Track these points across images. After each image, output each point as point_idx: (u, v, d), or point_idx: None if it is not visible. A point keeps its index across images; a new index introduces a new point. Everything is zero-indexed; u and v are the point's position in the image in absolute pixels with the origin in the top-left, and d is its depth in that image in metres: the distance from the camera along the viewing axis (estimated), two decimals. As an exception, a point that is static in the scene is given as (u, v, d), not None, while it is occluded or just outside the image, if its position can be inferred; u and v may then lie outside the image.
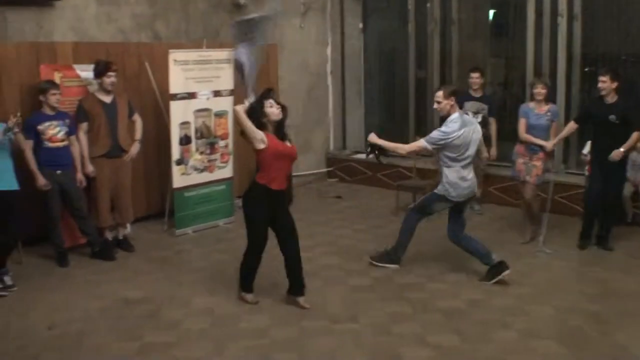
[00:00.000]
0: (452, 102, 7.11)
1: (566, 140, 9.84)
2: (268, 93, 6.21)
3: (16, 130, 6.79)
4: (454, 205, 7.21)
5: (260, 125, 6.09)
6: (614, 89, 7.78)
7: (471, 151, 7.06)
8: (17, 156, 7.20)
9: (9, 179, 6.89)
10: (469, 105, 9.58)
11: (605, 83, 7.76)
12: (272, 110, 6.13)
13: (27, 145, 7.35)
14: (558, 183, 9.53)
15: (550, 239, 8.26)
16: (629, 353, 5.43)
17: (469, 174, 7.10)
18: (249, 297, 6.54)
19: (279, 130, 6.22)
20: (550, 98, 9.63)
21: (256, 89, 6.69)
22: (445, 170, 7.08)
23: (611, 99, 7.82)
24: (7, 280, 7.03)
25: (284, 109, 6.23)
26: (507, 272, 6.97)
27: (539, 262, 7.65)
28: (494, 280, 6.96)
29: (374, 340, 5.69)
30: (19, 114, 6.83)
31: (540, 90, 8.16)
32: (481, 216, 9.70)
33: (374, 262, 7.58)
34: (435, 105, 7.20)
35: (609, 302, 6.44)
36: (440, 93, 7.16)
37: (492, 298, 6.58)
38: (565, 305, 6.36)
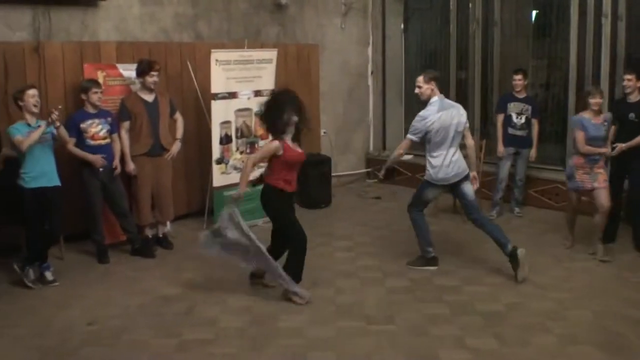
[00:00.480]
0: (433, 87, 7.33)
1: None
2: (289, 105, 6.46)
3: (57, 124, 6.87)
4: (449, 189, 7.46)
5: (281, 132, 6.46)
6: (639, 87, 7.77)
7: (453, 134, 7.19)
8: (61, 153, 7.30)
9: (52, 176, 7.01)
10: (511, 106, 9.56)
11: (631, 82, 7.79)
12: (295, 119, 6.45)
13: (71, 142, 7.45)
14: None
15: (587, 244, 8.18)
16: None
17: (454, 156, 7.28)
18: (306, 294, 6.59)
19: (296, 135, 6.58)
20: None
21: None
22: (429, 158, 7.31)
23: (634, 97, 7.83)
24: (49, 275, 7.17)
25: (302, 113, 6.51)
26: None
27: (579, 267, 7.55)
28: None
29: (410, 341, 5.67)
30: (60, 107, 6.92)
31: (598, 101, 7.83)
32: (521, 219, 9.60)
33: (412, 267, 7.58)
34: (416, 90, 7.43)
35: (650, 308, 6.35)
36: (420, 78, 7.38)
37: (531, 302, 6.52)
38: (606, 311, 6.27)
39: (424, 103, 7.41)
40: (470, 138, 7.59)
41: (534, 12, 11.21)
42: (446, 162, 7.20)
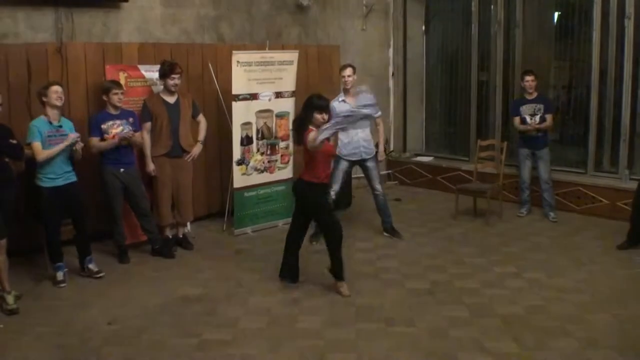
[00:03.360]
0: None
1: (631, 145, 9.69)
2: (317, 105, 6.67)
3: (76, 147, 7.00)
4: (358, 165, 8.65)
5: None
6: None
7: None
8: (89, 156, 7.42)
9: (68, 175, 7.13)
10: (524, 108, 9.53)
11: None
12: (319, 117, 6.62)
13: (94, 141, 7.51)
14: (622, 189, 9.39)
15: (612, 247, 8.15)
16: None
17: (355, 137, 8.44)
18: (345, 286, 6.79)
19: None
20: (617, 102, 9.55)
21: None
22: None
23: None
24: (93, 267, 7.42)
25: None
26: None
27: (601, 270, 7.49)
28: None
29: (430, 344, 5.65)
30: (78, 135, 7.05)
31: None
32: (542, 222, 9.52)
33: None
34: (348, 79, 8.48)
35: (673, 312, 6.29)
36: (350, 69, 8.50)
37: (552, 305, 6.47)
38: (627, 315, 6.20)
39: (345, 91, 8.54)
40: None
41: (556, 14, 11.15)
42: (348, 140, 8.54)
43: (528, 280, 7.16)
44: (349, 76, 8.45)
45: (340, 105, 8.21)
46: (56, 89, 6.95)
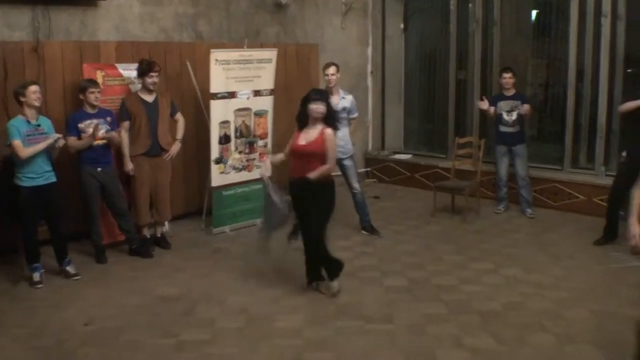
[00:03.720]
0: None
1: (607, 142, 9.77)
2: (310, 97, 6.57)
3: (57, 146, 6.98)
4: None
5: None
6: None
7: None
8: (61, 153, 7.32)
9: (48, 175, 7.07)
10: (502, 104, 9.62)
11: None
12: (313, 107, 6.50)
13: (71, 140, 7.46)
14: (598, 185, 9.47)
15: (589, 243, 8.22)
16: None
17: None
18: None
19: (328, 121, 6.59)
20: (593, 100, 9.63)
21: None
22: (347, 130, 8.64)
23: None
24: (71, 269, 7.38)
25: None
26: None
27: (578, 266, 7.54)
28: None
29: (408, 341, 5.67)
30: (60, 135, 7.03)
31: None
32: (519, 218, 9.58)
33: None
34: (332, 78, 8.42)
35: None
36: (334, 68, 8.46)
37: (529, 301, 6.51)
38: (604, 310, 6.26)
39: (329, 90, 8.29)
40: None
41: (534, 12, 11.21)
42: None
43: (505, 277, 7.20)
44: (332, 75, 8.43)
45: None
46: (34, 88, 6.90)
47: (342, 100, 8.49)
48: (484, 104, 9.79)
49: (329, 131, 6.45)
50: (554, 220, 9.40)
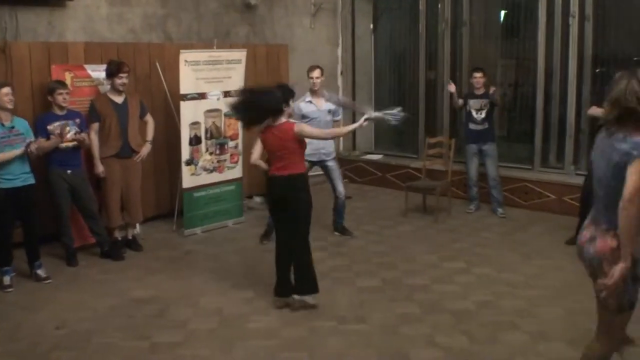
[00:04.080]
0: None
1: (576, 141, 9.85)
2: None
3: (30, 149, 6.92)
4: (319, 166, 8.76)
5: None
6: None
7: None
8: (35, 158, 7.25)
9: (26, 176, 7.04)
10: (472, 103, 9.71)
11: None
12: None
13: (41, 142, 7.36)
14: (568, 184, 9.55)
15: (560, 241, 8.28)
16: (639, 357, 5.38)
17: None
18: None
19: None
20: (562, 100, 9.72)
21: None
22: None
23: None
24: (41, 273, 7.31)
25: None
26: None
27: (550, 264, 7.59)
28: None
29: (382, 341, 5.66)
30: (32, 140, 7.00)
31: None
32: (491, 217, 9.63)
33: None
34: (317, 81, 8.44)
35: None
36: (319, 70, 8.49)
37: (502, 299, 6.55)
38: (576, 308, 6.28)
39: (314, 92, 8.51)
40: None
41: (503, 13, 11.28)
42: None
43: (478, 276, 7.23)
44: (317, 78, 8.45)
45: (306, 105, 8.41)
46: (6, 90, 6.82)
47: (326, 104, 8.46)
48: (452, 87, 9.93)
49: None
50: (525, 219, 9.46)
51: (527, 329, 5.86)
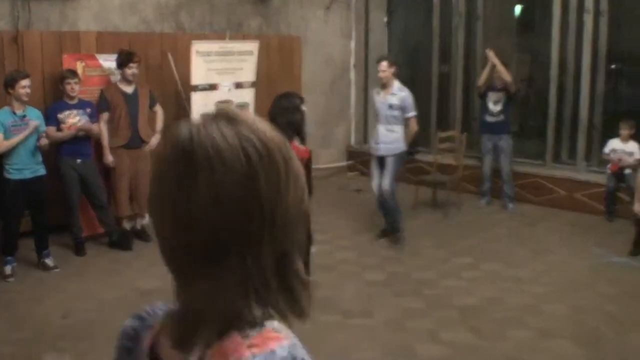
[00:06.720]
0: (394, 71, 8.15)
1: (589, 137, 9.79)
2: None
3: (40, 143, 7.02)
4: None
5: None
6: None
7: None
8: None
9: (37, 167, 7.09)
10: (490, 95, 9.79)
11: None
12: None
13: (51, 131, 7.39)
14: (579, 181, 9.51)
15: (569, 238, 8.25)
16: (643, 354, 5.37)
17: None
18: None
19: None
20: (575, 95, 9.67)
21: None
22: (400, 128, 8.11)
23: None
24: (49, 262, 7.34)
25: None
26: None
27: (558, 261, 7.57)
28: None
29: (387, 335, 5.67)
30: (37, 123, 7.04)
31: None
32: (501, 212, 9.60)
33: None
34: (382, 74, 8.11)
35: (625, 303, 6.35)
36: (385, 63, 8.09)
37: (508, 296, 6.53)
38: (582, 305, 6.28)
39: (384, 85, 8.17)
40: None
41: (517, 7, 11.22)
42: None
43: (485, 271, 7.22)
44: (382, 71, 8.12)
45: (375, 95, 8.43)
46: (25, 83, 6.88)
47: (389, 97, 8.12)
48: (493, 56, 9.80)
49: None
50: (535, 215, 9.42)
51: (533, 325, 5.85)
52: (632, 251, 7.64)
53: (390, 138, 8.09)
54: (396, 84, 8.13)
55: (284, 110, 5.98)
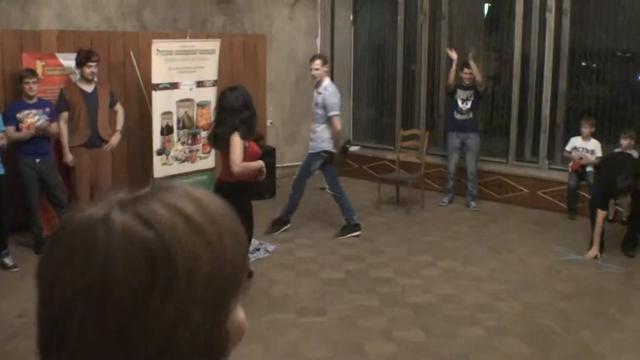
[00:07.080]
0: (326, 69, 8.49)
1: (551, 136, 9.89)
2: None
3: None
4: (329, 158, 8.45)
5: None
6: None
7: None
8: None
9: None
10: (459, 92, 9.90)
11: None
12: None
13: (9, 130, 7.37)
14: (541, 179, 9.60)
15: (529, 236, 8.33)
16: (591, 351, 5.43)
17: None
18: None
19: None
20: (538, 94, 9.76)
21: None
22: (323, 128, 8.26)
23: None
24: (8, 261, 7.31)
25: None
26: (358, 233, 8.32)
27: (516, 259, 7.64)
28: (346, 236, 8.26)
29: (338, 333, 5.70)
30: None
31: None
32: (463, 210, 9.67)
33: (341, 237, 8.31)
34: (314, 72, 8.33)
35: (578, 301, 6.44)
36: (318, 61, 8.35)
37: (464, 294, 6.59)
38: (536, 303, 6.35)
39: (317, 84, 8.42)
40: None
41: (482, 6, 11.29)
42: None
43: (443, 269, 7.27)
44: (315, 68, 8.35)
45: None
46: None
47: (316, 95, 8.39)
48: (454, 54, 9.97)
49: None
50: (497, 212, 9.50)
51: (486, 323, 5.90)
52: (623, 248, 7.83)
53: (312, 136, 8.51)
54: (325, 82, 8.36)
55: (232, 111, 6.10)
